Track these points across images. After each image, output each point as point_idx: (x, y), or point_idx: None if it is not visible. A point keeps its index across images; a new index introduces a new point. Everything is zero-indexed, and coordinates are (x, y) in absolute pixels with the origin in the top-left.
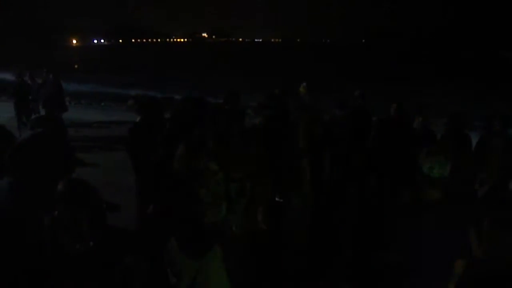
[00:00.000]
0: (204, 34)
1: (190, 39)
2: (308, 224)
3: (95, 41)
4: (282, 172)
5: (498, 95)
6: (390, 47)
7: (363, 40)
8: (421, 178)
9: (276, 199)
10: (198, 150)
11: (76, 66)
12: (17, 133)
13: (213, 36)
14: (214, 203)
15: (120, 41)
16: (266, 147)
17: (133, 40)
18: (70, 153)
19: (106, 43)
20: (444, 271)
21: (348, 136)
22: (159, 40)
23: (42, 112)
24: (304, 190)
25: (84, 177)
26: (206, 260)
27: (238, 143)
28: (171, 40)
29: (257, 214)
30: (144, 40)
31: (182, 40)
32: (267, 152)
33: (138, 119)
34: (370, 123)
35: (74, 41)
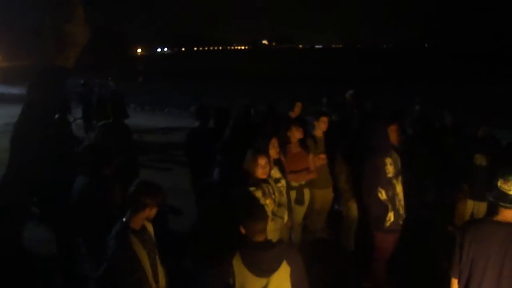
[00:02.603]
0: (265, 41)
1: (250, 47)
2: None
3: (159, 50)
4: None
5: None
6: (451, 50)
7: (426, 45)
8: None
9: (336, 207)
10: (264, 159)
11: (140, 80)
12: (86, 137)
13: (273, 43)
14: (277, 212)
15: (183, 49)
16: (326, 155)
17: (195, 48)
18: (134, 158)
19: (169, 51)
20: None
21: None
22: (220, 48)
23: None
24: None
25: None
26: (273, 277)
27: (298, 150)
28: (232, 47)
29: (317, 222)
30: (206, 48)
31: (242, 47)
32: (328, 160)
33: (196, 124)
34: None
35: (139, 50)
